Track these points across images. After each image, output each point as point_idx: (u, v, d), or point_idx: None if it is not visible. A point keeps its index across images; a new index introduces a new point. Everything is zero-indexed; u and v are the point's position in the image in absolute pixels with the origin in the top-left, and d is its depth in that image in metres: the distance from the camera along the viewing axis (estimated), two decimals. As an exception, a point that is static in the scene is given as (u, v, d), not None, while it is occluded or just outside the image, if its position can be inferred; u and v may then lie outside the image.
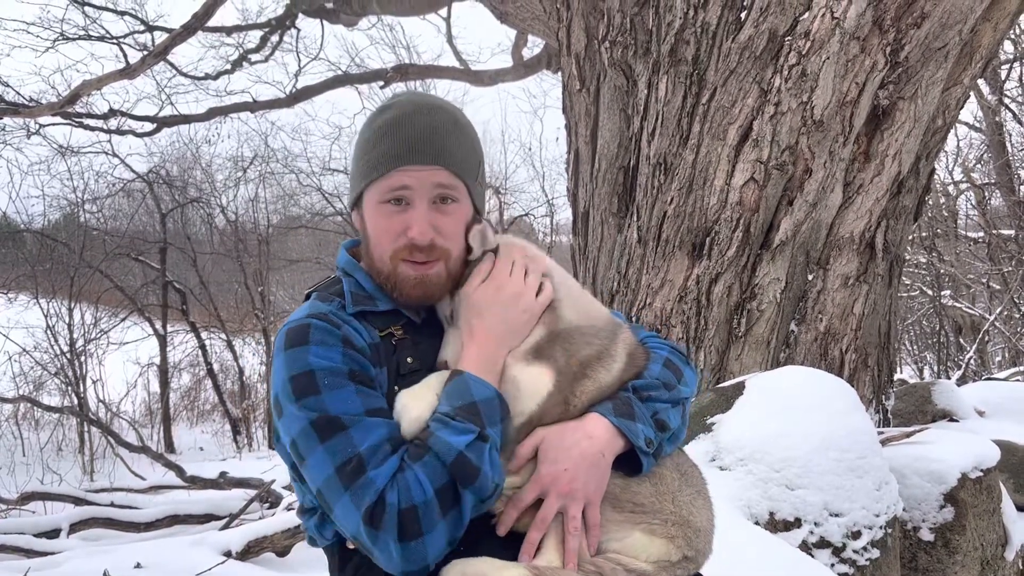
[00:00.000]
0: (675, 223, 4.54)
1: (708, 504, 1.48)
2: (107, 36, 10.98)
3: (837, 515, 3.06)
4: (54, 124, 11.75)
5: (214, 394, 14.60)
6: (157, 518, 6.70)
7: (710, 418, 3.38)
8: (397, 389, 1.37)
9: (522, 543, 1.33)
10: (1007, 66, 13.39)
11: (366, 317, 1.43)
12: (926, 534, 3.54)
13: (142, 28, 11.00)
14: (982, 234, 13.96)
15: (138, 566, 4.35)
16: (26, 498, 7.44)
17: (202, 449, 13.48)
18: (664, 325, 4.45)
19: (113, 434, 10.08)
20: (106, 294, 13.85)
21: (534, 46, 11.25)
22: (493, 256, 1.45)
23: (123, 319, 14.14)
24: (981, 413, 5.43)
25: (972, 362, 11.69)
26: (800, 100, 4.34)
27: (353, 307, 1.43)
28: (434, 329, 1.46)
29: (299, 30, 11.37)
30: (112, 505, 6.89)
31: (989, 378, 9.05)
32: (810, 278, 4.56)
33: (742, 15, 4.65)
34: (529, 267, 1.45)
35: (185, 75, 11.59)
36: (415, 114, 1.42)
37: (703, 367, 4.39)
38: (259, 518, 6.11)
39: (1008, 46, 12.71)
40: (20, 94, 10.70)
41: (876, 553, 3.10)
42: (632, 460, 1.39)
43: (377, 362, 1.38)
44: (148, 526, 6.62)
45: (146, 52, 10.29)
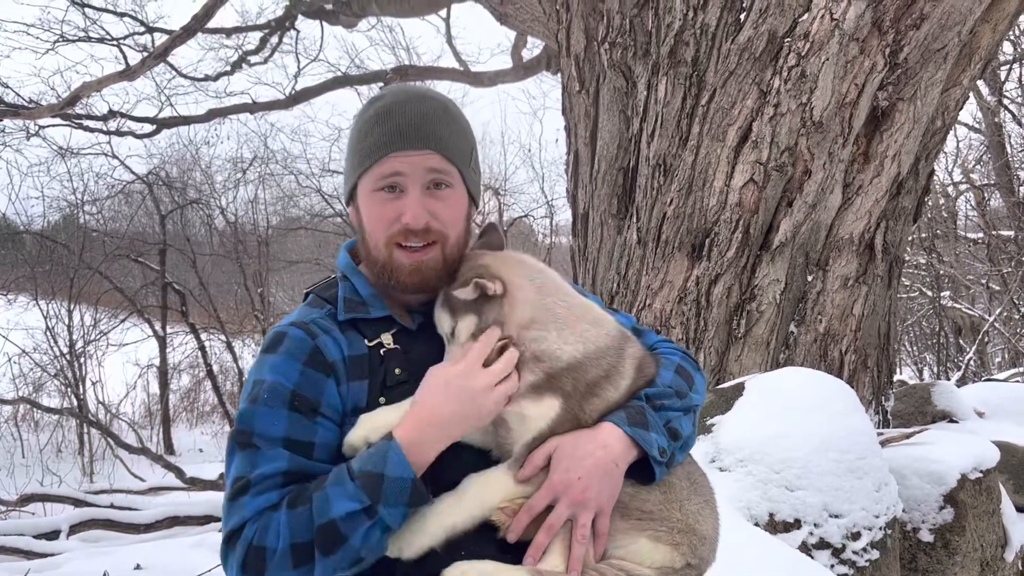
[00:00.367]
0: (675, 224, 4.54)
1: (715, 514, 1.47)
2: (107, 38, 11.01)
3: (837, 516, 3.06)
4: (54, 126, 11.80)
5: (214, 395, 14.59)
6: (157, 519, 6.71)
7: (710, 419, 3.38)
8: (383, 401, 1.36)
9: (522, 549, 1.32)
10: (1006, 67, 13.40)
11: (357, 325, 1.42)
12: (926, 535, 3.54)
13: (142, 30, 11.03)
14: (981, 235, 13.95)
15: (138, 567, 4.36)
16: (26, 499, 7.45)
17: (202, 450, 13.48)
18: (664, 326, 4.45)
19: (113, 435, 10.08)
20: (106, 295, 13.86)
21: (534, 47, 11.26)
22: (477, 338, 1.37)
23: (123, 320, 14.16)
24: (981, 414, 5.43)
25: (972, 363, 11.69)
26: (799, 101, 4.34)
27: (345, 314, 1.42)
28: (428, 335, 1.44)
29: (298, 31, 11.42)
30: (112, 507, 6.90)
31: (989, 379, 9.05)
32: (809, 279, 4.56)
33: (741, 16, 4.65)
34: (507, 352, 1.36)
35: (185, 76, 11.62)
36: (405, 102, 1.42)
37: (703, 368, 4.38)
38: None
39: (1007, 47, 12.74)
40: (20, 96, 10.74)
41: (876, 554, 3.10)
42: (644, 468, 1.37)
43: (359, 374, 1.37)
44: (148, 527, 6.63)
45: (146, 54, 10.30)
